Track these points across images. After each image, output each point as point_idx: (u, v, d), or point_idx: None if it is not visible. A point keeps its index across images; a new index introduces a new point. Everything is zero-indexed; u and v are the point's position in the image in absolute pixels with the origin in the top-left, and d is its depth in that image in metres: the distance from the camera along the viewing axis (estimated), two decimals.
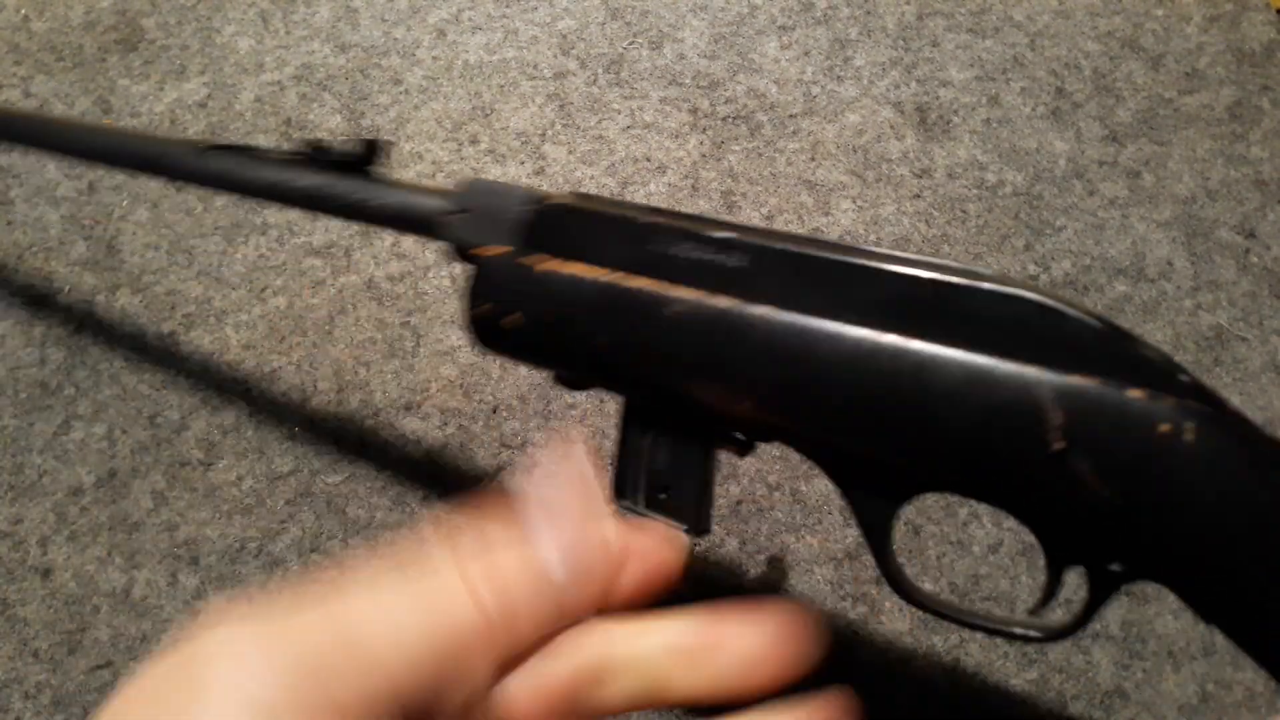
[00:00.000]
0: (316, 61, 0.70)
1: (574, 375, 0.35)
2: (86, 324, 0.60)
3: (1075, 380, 0.26)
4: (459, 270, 0.59)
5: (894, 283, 0.29)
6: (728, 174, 0.63)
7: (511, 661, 0.21)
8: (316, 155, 0.39)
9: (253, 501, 0.54)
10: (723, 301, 0.30)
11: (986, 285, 0.28)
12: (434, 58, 0.70)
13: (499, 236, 0.35)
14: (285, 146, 0.43)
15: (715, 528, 0.52)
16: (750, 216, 0.61)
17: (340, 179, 0.39)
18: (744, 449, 0.34)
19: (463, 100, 0.67)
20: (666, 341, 0.31)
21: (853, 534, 0.51)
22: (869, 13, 0.70)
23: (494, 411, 0.56)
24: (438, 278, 0.60)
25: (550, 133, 0.65)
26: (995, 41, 0.68)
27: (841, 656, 0.48)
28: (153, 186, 0.65)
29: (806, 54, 0.68)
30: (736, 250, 0.31)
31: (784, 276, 0.30)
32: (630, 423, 0.34)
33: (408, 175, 0.64)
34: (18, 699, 0.50)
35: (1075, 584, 0.31)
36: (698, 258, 0.31)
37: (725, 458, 0.35)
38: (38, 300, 0.61)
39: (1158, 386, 0.26)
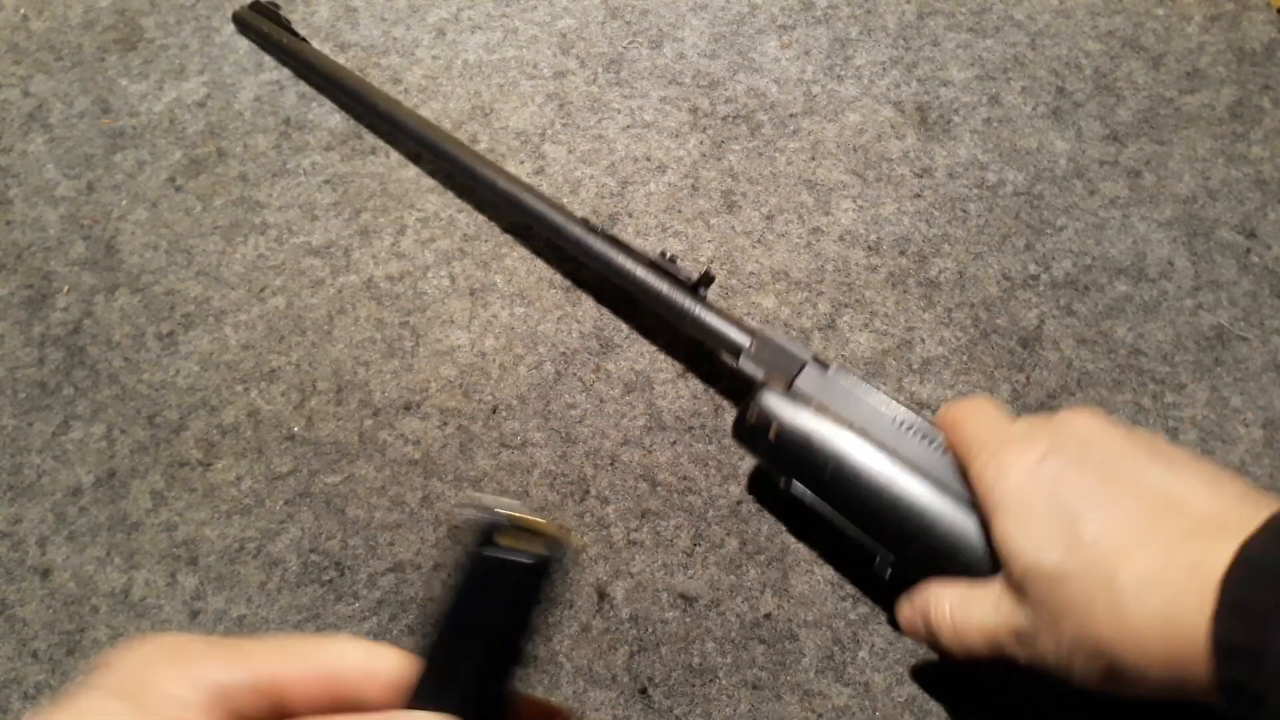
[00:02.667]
0: None
1: (791, 492, 0.47)
2: (85, 324, 0.60)
3: None
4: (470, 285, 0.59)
5: None
6: (727, 173, 0.63)
7: None
8: (665, 265, 0.52)
9: (251, 502, 0.54)
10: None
11: None
12: (433, 57, 0.69)
13: (778, 376, 0.49)
14: (643, 248, 0.54)
15: (716, 528, 0.52)
16: (750, 216, 0.61)
17: (684, 295, 0.52)
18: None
19: (462, 100, 0.67)
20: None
21: None
22: (869, 12, 0.70)
23: (493, 411, 0.56)
24: (437, 278, 0.60)
25: (550, 132, 0.65)
26: (996, 41, 0.68)
27: (842, 657, 0.48)
28: (151, 186, 0.65)
29: (807, 53, 0.68)
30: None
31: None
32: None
33: (407, 175, 0.64)
34: (17, 699, 0.50)
35: None
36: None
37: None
38: (36, 300, 0.61)
39: None
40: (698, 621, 0.49)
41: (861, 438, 0.45)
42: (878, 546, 0.44)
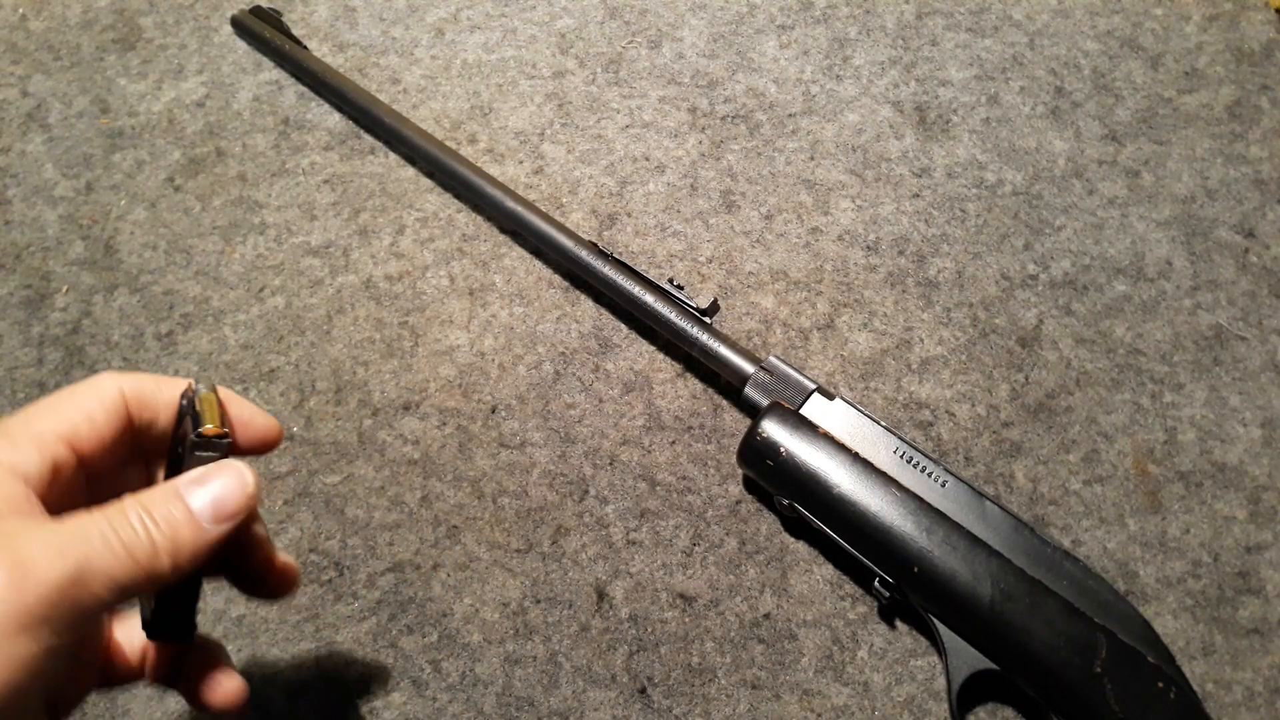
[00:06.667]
0: None
1: (796, 513, 0.48)
2: (84, 324, 0.60)
3: (1120, 637, 0.42)
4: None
5: (1025, 531, 0.45)
6: (726, 173, 0.63)
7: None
8: (674, 290, 0.53)
9: None
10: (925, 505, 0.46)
11: (1082, 561, 0.45)
12: (432, 57, 0.69)
13: (783, 404, 0.50)
14: (652, 274, 0.56)
15: (715, 527, 0.52)
16: (749, 216, 0.61)
17: (692, 324, 0.53)
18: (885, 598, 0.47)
19: (461, 99, 0.67)
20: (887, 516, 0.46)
21: None
22: (868, 12, 0.70)
23: (493, 411, 0.56)
24: (436, 277, 0.60)
25: (549, 132, 0.65)
26: (994, 41, 0.68)
27: (841, 656, 0.48)
28: (150, 185, 0.65)
29: (805, 53, 0.68)
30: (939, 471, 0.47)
31: (964, 504, 0.46)
32: None
33: (406, 175, 0.64)
34: None
35: None
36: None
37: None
38: (35, 300, 0.61)
39: (1164, 660, 0.42)
40: (697, 621, 0.49)
41: (863, 467, 0.47)
42: (877, 570, 0.46)
